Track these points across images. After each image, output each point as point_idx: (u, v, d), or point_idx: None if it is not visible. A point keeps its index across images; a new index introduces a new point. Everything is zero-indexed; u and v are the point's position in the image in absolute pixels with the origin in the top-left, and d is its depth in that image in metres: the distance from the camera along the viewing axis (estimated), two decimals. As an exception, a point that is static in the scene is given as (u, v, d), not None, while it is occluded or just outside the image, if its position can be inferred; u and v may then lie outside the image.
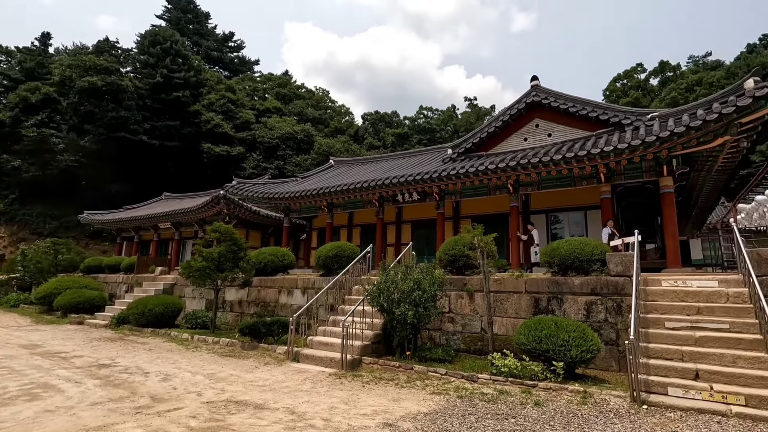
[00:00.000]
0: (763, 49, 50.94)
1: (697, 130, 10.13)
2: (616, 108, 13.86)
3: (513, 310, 9.38)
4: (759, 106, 9.40)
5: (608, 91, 56.01)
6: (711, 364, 6.28)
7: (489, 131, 15.85)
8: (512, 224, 14.19)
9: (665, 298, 7.81)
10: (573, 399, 6.15)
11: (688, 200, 16.57)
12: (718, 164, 12.19)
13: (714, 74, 45.18)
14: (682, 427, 5.00)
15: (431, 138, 55.79)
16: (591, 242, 9.29)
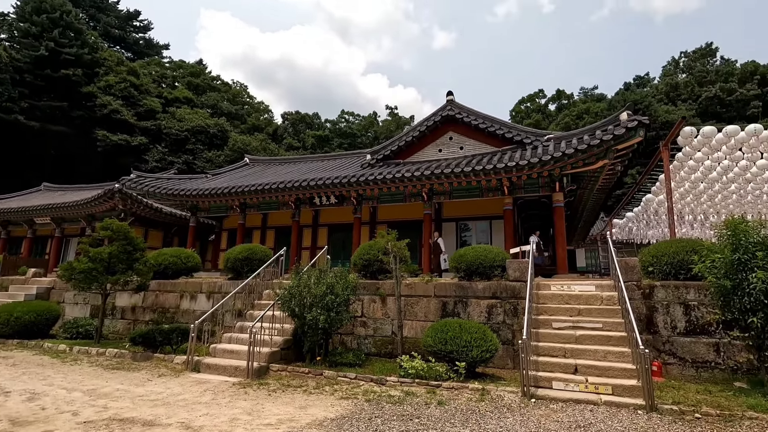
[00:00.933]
0: (636, 87, 59.82)
1: (583, 153, 11.51)
2: (520, 128, 15.21)
3: (422, 314, 9.74)
4: (630, 135, 10.98)
5: (514, 111, 61.28)
6: (587, 360, 7.12)
7: (407, 140, 16.37)
8: (425, 231, 14.77)
9: (553, 301, 8.71)
10: (473, 396, 6.54)
11: (575, 214, 18.72)
12: (599, 184, 13.97)
13: (599, 105, 51.91)
14: (562, 416, 5.58)
15: (352, 143, 56.13)
16: (494, 250, 10.02)
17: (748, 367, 7.25)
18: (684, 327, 7.89)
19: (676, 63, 62.06)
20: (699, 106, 50.02)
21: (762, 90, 50.14)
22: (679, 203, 14.22)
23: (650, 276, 8.77)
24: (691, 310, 7.91)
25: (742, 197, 13.08)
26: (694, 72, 57.08)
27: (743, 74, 51.78)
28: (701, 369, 7.60)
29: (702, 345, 7.69)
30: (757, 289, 6.23)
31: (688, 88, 53.62)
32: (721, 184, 11.99)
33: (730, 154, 10.46)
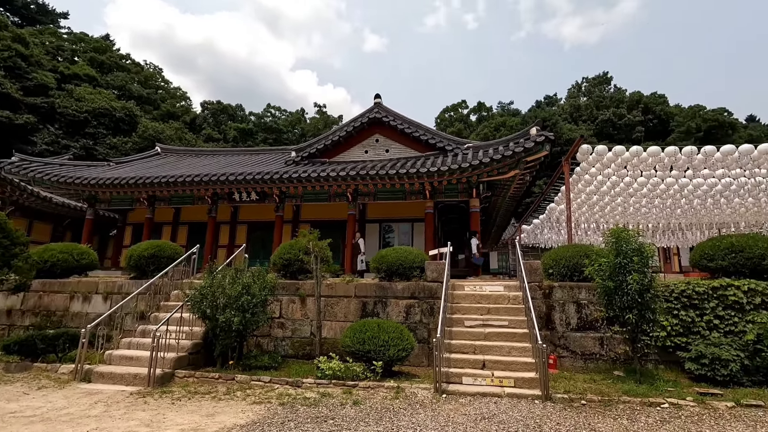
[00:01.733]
0: (546, 106, 65.69)
1: (498, 162, 12.36)
2: (443, 135, 15.91)
3: (343, 314, 9.73)
4: (538, 149, 12.03)
5: (439, 119, 63.90)
6: (494, 355, 7.64)
7: (333, 139, 16.27)
8: (349, 231, 14.79)
9: (466, 300, 9.22)
10: (388, 395, 6.67)
11: (489, 219, 20.02)
12: (511, 192, 15.11)
13: (514, 119, 56.12)
14: (469, 410, 5.92)
15: (277, 138, 54.42)
16: (414, 251, 10.34)
17: (625, 357, 8.29)
18: (576, 323, 8.80)
19: (578, 87, 69.27)
20: (596, 127, 56.36)
21: (644, 117, 57.89)
22: (576, 212, 15.88)
23: (550, 277, 9.66)
24: (583, 308, 8.86)
25: (626, 209, 15.01)
26: (593, 96, 64.17)
27: (631, 102, 59.38)
28: (588, 360, 8.54)
29: (590, 339, 8.64)
30: (633, 289, 7.17)
31: (588, 111, 60.15)
32: (610, 197, 13.64)
33: (617, 171, 11.94)
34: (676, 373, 7.91)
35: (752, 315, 7.82)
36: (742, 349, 7.31)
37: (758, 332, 7.23)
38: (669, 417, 5.63)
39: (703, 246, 9.29)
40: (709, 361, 7.22)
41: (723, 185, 11.99)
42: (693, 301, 8.28)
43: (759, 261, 8.44)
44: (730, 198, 13.20)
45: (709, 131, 50.41)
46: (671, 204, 14.34)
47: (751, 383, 7.07)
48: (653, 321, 7.55)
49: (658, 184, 12.22)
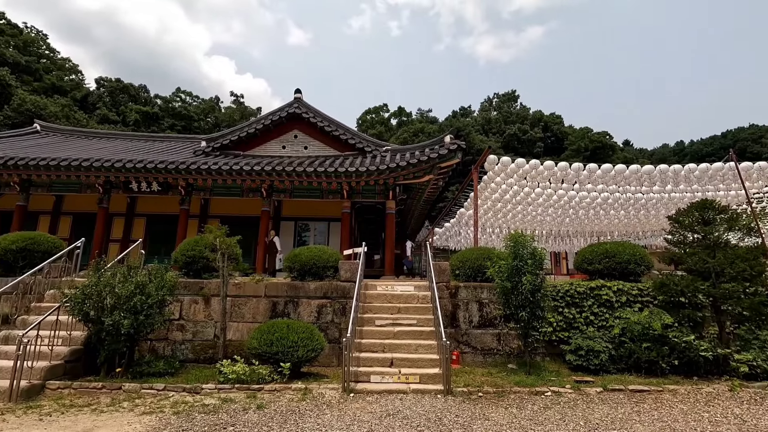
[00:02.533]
0: (461, 116, 69.62)
1: (414, 167, 12.79)
2: (363, 136, 16.03)
3: (251, 315, 9.30)
4: (451, 156, 12.69)
5: (361, 120, 64.38)
6: (402, 353, 7.88)
7: (249, 131, 15.54)
8: (262, 229, 14.21)
9: (378, 300, 9.39)
10: (294, 396, 6.52)
11: (405, 221, 20.64)
12: (425, 195, 15.73)
13: (432, 126, 58.59)
14: (375, 407, 6.02)
15: (187, 126, 50.47)
16: (328, 251, 10.25)
17: (518, 351, 9.09)
18: (477, 321, 9.44)
19: (490, 101, 74.63)
20: (504, 140, 61.16)
21: (544, 134, 64.18)
22: (483, 217, 17.08)
23: (457, 278, 10.24)
24: (484, 306, 9.53)
25: (525, 216, 16.53)
26: (502, 111, 69.56)
27: (533, 119, 65.47)
28: (487, 355, 9.20)
29: (489, 335, 9.32)
30: (526, 289, 7.89)
31: (497, 124, 65.08)
32: (512, 205, 14.91)
33: (519, 182, 13.09)
34: (559, 364, 8.85)
35: (619, 312, 9.06)
36: (610, 342, 8.44)
37: (622, 327, 8.40)
38: (551, 404, 6.28)
39: (584, 251, 10.56)
40: (585, 352, 8.21)
41: (602, 199, 13.78)
42: (575, 300, 9.36)
43: (626, 265, 9.81)
44: (608, 210, 15.22)
45: (594, 151, 57.50)
46: (561, 213, 16.11)
47: (616, 370, 8.18)
48: (542, 318, 8.37)
49: (552, 195, 13.64)
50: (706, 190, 13.35)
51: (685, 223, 8.77)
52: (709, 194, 13.21)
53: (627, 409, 5.99)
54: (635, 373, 7.97)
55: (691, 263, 8.44)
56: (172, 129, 47.10)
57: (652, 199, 14.28)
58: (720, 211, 8.48)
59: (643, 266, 9.96)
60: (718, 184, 13.24)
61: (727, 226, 8.32)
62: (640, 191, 13.65)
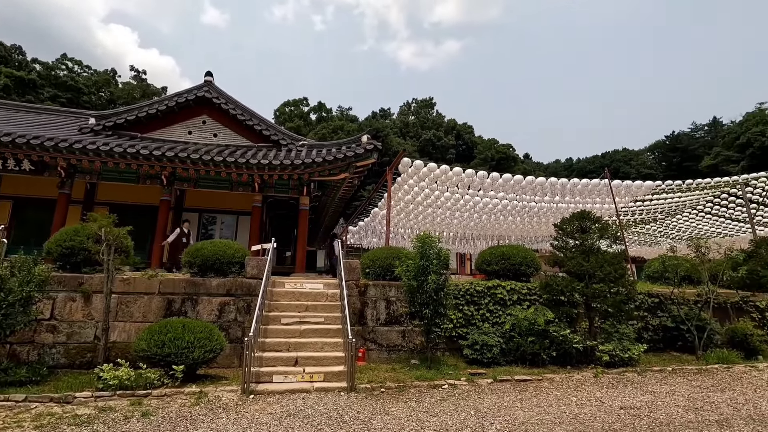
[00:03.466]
0: (381, 118, 70.87)
1: (330, 163, 12.70)
2: (278, 128, 15.50)
3: (141, 314, 8.46)
4: (367, 156, 12.84)
5: (279, 112, 62.26)
6: (307, 351, 7.77)
7: (150, 112, 14.13)
8: (161, 219, 13.02)
9: (286, 298, 9.15)
10: (187, 401, 6.07)
11: (319, 218, 20.41)
12: (340, 193, 15.71)
13: (352, 125, 58.78)
14: (276, 408, 5.86)
15: (74, 99, 44.36)
16: (234, 245, 9.73)
17: (421, 347, 9.50)
18: (384, 318, 9.67)
19: (409, 106, 77.06)
20: (420, 144, 63.58)
21: (457, 141, 68.04)
22: (396, 218, 17.57)
23: (367, 276, 10.39)
24: (391, 304, 9.80)
25: (434, 218, 17.36)
26: (419, 117, 72.24)
27: (447, 127, 69.04)
28: (392, 352, 9.47)
29: (395, 332, 9.60)
30: (431, 288, 8.29)
31: (415, 129, 67.44)
32: (423, 207, 15.56)
33: (430, 185, 13.69)
34: (457, 358, 9.43)
35: (511, 309, 9.94)
36: (502, 336, 9.22)
37: (513, 323, 9.24)
38: (447, 396, 6.67)
39: (484, 253, 11.41)
40: (480, 346, 8.87)
41: (502, 205, 15.02)
42: (474, 298, 10.06)
43: (519, 266, 10.81)
44: (506, 216, 16.63)
45: (499, 161, 62.45)
46: (467, 217, 17.22)
47: (506, 362, 8.96)
48: (444, 315, 8.85)
49: (459, 199, 14.52)
50: (586, 202, 15.28)
51: (567, 230, 9.92)
52: (588, 206, 15.13)
53: (512, 397, 6.60)
54: (521, 364, 8.81)
55: (570, 266, 9.57)
56: (54, 101, 40.99)
57: (543, 208, 15.96)
58: (594, 221, 9.75)
59: (533, 268, 11.06)
60: (595, 197, 15.23)
61: (599, 234, 9.59)
62: (534, 200, 15.16)
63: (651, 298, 11.09)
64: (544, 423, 5.27)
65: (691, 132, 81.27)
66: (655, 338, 10.69)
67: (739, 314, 11.65)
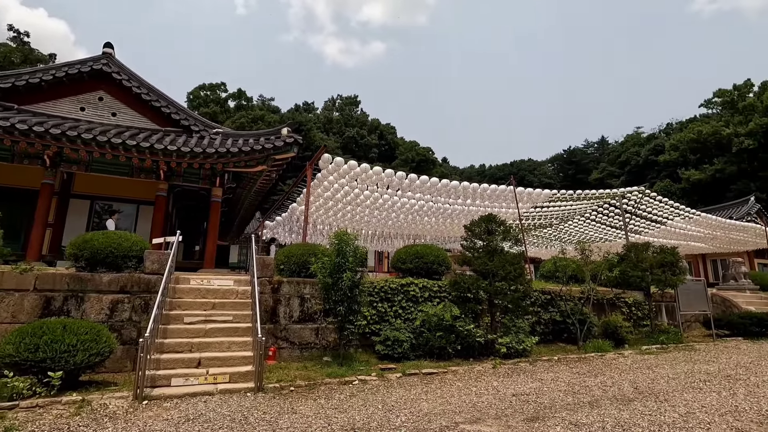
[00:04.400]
0: (304, 111, 69.37)
1: (246, 155, 12.12)
2: (190, 113, 14.40)
3: (10, 314, 7.31)
4: (287, 149, 12.48)
5: (192, 95, 57.91)
6: (212, 352, 7.34)
7: (31, 81, 12.26)
8: (41, 206, 11.37)
9: (190, 295, 8.54)
10: (65, 412, 5.38)
11: (233, 211, 19.38)
12: (257, 186, 15.08)
13: (273, 116, 56.72)
14: (173, 414, 5.44)
15: (-71, 56, 36.94)
16: (132, 237, 8.86)
17: (334, 344, 9.50)
18: (298, 316, 9.49)
19: (333, 102, 76.51)
20: (343, 141, 63.45)
21: (379, 141, 69.07)
22: (314, 214, 17.33)
23: (282, 273, 10.11)
24: (306, 302, 9.65)
25: (354, 216, 17.45)
26: (344, 114, 72.10)
27: (371, 127, 69.82)
28: (305, 350, 9.33)
29: (308, 330, 9.48)
30: (345, 285, 8.32)
31: (339, 125, 67.16)
32: (342, 204, 15.55)
33: (350, 183, 13.73)
34: (369, 354, 9.60)
35: (422, 306, 10.37)
36: (412, 332, 9.58)
37: (423, 319, 9.65)
38: (357, 391, 6.75)
39: (400, 252, 11.75)
40: (391, 342, 9.13)
41: (419, 206, 15.58)
42: (388, 296, 10.31)
43: (431, 265, 11.31)
44: (422, 216, 17.29)
45: (419, 163, 64.72)
46: (385, 216, 17.58)
47: (415, 357, 9.32)
48: (358, 312, 8.96)
49: (378, 198, 14.76)
50: (494, 206, 16.48)
51: (476, 231, 10.62)
52: (495, 210, 16.34)
53: (418, 390, 6.88)
54: (429, 358, 9.23)
55: (476, 265, 10.26)
56: None
57: (456, 210, 16.89)
58: (500, 224, 10.57)
59: (444, 267, 11.65)
60: (501, 202, 16.49)
61: (503, 236, 10.41)
62: (448, 202, 15.98)
63: (544, 295, 12.31)
64: (445, 413, 5.59)
65: (584, 148, 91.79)
66: (546, 331, 11.89)
67: (613, 309, 13.45)
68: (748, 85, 58.72)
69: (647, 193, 18.06)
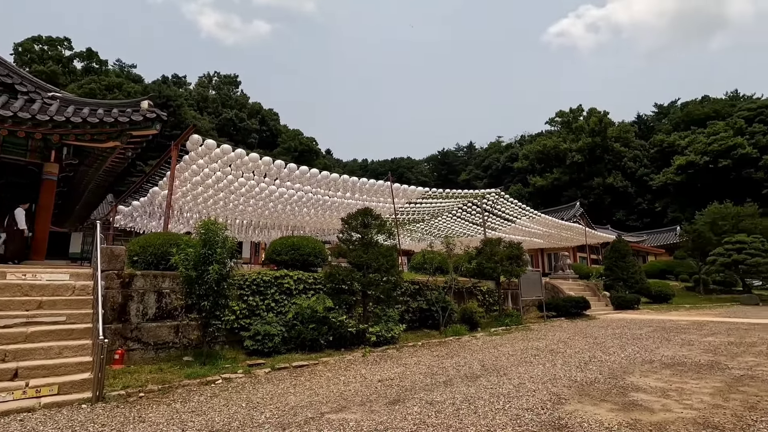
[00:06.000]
0: (174, 85, 62.20)
1: (94, 127, 10.35)
2: (13, 68, 11.70)
3: None
4: (147, 125, 11.01)
5: (22, 48, 47.42)
6: (36, 360, 6.13)
7: None
8: None
9: (6, 293, 6.99)
10: None
11: (75, 192, 16.43)
12: (108, 165, 12.99)
13: (135, 86, 49.61)
14: (-28, 439, 4.40)
15: None
16: None
17: (197, 342, 8.75)
18: (154, 313, 8.51)
19: (210, 78, 70.20)
20: (219, 123, 58.73)
21: (261, 127, 65.66)
22: (181, 200, 15.68)
23: (135, 265, 8.94)
24: (164, 297, 8.69)
25: (227, 204, 16.28)
26: (221, 93, 66.71)
27: (252, 110, 65.99)
28: (161, 350, 8.41)
29: (166, 328, 8.56)
30: (212, 279, 7.73)
31: (215, 105, 61.92)
32: (214, 190, 14.37)
33: (223, 168, 12.75)
34: (238, 351, 9.09)
35: (296, 298, 10.20)
36: (284, 325, 9.37)
37: (296, 311, 9.51)
38: (219, 391, 6.34)
39: (275, 243, 11.37)
40: (262, 336, 8.79)
41: (298, 197, 15.26)
42: (260, 288, 9.89)
43: (307, 257, 11.20)
44: (301, 207, 17.00)
45: (302, 152, 63.46)
46: (263, 206, 16.81)
47: (287, 350, 9.13)
48: (226, 306, 8.42)
49: (255, 186, 14.02)
50: (372, 200, 17.03)
51: (352, 224, 10.84)
52: (374, 204, 16.91)
53: (287, 384, 6.77)
54: (301, 351, 9.15)
55: (352, 257, 10.49)
56: None
57: (336, 203, 17.00)
58: (375, 218, 10.96)
59: (321, 259, 11.64)
60: (380, 197, 17.13)
61: (377, 230, 10.82)
62: (328, 194, 15.98)
63: (413, 285, 13.19)
64: (312, 404, 5.59)
65: (455, 151, 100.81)
66: (413, 318, 12.77)
67: (470, 296, 15.08)
68: (580, 110, 71.29)
69: (502, 195, 20.65)
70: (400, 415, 5.05)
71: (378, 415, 5.05)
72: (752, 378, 6.40)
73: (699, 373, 6.78)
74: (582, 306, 16.91)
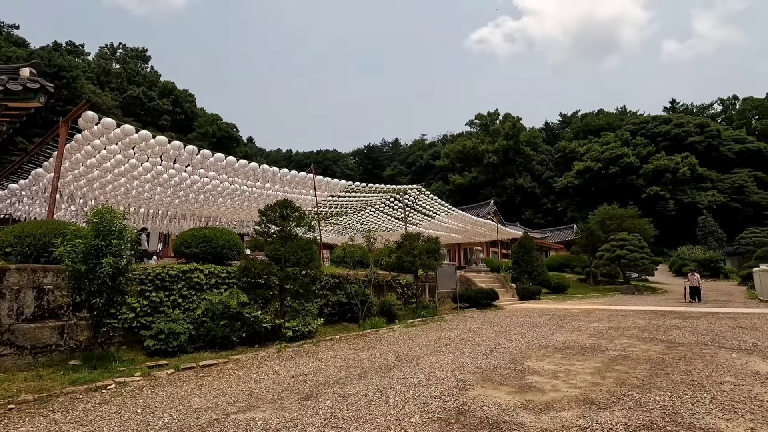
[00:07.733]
0: (69, 54, 54.81)
1: (-46, 94, 8.70)
2: None
3: None
4: (28, 97, 9.52)
5: None
6: None
7: None
8: None
9: None
10: None
11: (-70, 171, 13.74)
12: (-25, 140, 11.05)
13: (17, 50, 42.94)
14: None
15: None
16: None
17: (87, 344, 7.84)
18: (33, 312, 7.45)
19: (113, 50, 63.05)
20: (125, 100, 53.04)
21: (174, 108, 60.63)
22: (72, 185, 13.86)
23: (8, 258, 7.74)
24: (45, 294, 7.64)
25: (129, 191, 14.74)
26: (127, 67, 60.24)
27: (164, 89, 60.61)
28: (40, 354, 7.40)
29: (47, 329, 7.54)
30: (105, 273, 6.94)
31: (119, 80, 55.76)
32: (113, 175, 12.91)
33: (124, 150, 11.49)
34: (137, 351, 8.32)
35: (207, 294, 9.60)
36: (192, 322, 8.77)
37: (205, 307, 8.95)
38: (111, 397, 5.73)
39: (184, 235, 10.57)
40: (165, 335, 8.14)
41: (212, 186, 14.31)
42: (165, 283, 9.13)
43: (221, 249, 10.58)
44: (216, 197, 15.99)
45: (221, 139, 59.80)
46: (172, 194, 15.51)
47: (194, 349, 8.56)
48: (123, 303, 7.65)
49: (162, 173, 12.86)
50: (293, 192, 16.56)
51: (270, 216, 10.45)
52: (295, 196, 16.47)
53: (192, 385, 6.33)
54: (211, 349, 8.63)
55: (269, 250, 10.11)
56: None
57: (255, 194, 16.25)
58: (294, 210, 10.67)
59: (236, 251, 11.07)
60: (302, 189, 16.71)
61: (296, 222, 10.55)
62: (246, 185, 15.21)
63: (333, 279, 13.11)
64: (218, 405, 5.30)
65: (381, 146, 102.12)
66: (333, 312, 12.71)
67: (390, 289, 15.41)
68: (497, 113, 76.16)
69: (423, 192, 21.33)
70: (311, 410, 4.98)
71: (288, 412, 4.93)
72: (625, 357, 7.36)
73: (584, 356, 7.63)
74: (492, 297, 18.15)
